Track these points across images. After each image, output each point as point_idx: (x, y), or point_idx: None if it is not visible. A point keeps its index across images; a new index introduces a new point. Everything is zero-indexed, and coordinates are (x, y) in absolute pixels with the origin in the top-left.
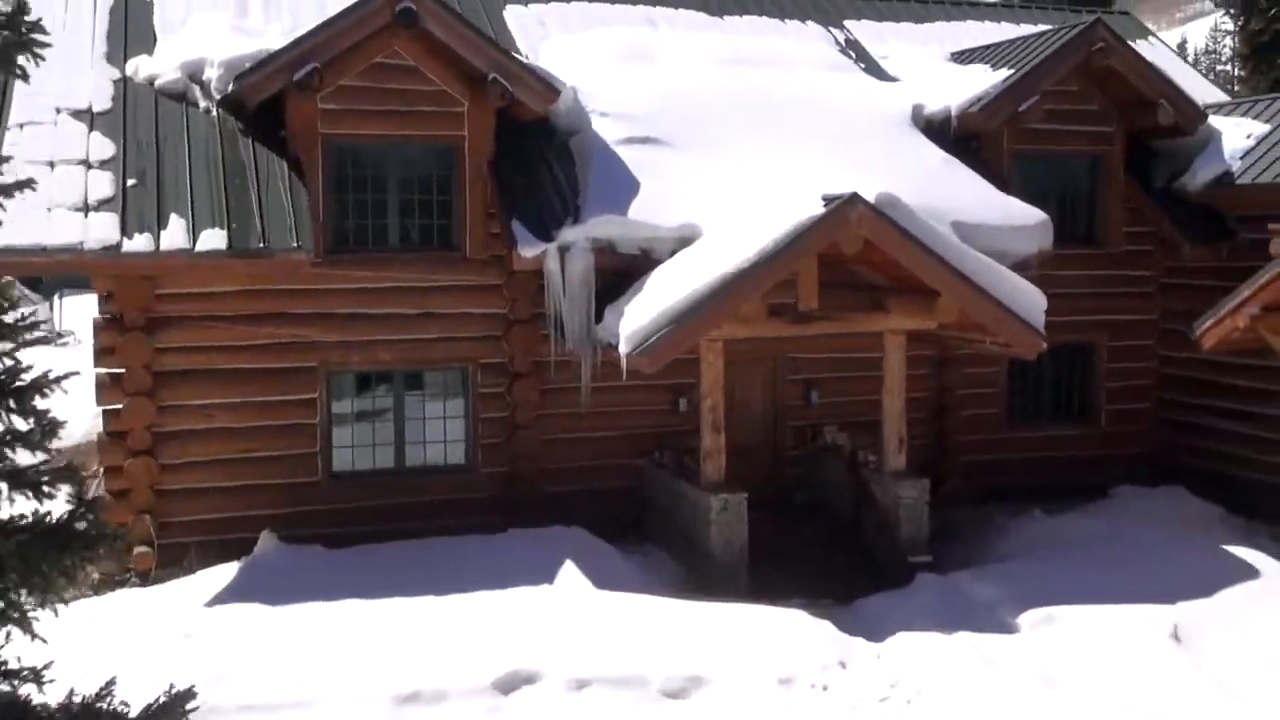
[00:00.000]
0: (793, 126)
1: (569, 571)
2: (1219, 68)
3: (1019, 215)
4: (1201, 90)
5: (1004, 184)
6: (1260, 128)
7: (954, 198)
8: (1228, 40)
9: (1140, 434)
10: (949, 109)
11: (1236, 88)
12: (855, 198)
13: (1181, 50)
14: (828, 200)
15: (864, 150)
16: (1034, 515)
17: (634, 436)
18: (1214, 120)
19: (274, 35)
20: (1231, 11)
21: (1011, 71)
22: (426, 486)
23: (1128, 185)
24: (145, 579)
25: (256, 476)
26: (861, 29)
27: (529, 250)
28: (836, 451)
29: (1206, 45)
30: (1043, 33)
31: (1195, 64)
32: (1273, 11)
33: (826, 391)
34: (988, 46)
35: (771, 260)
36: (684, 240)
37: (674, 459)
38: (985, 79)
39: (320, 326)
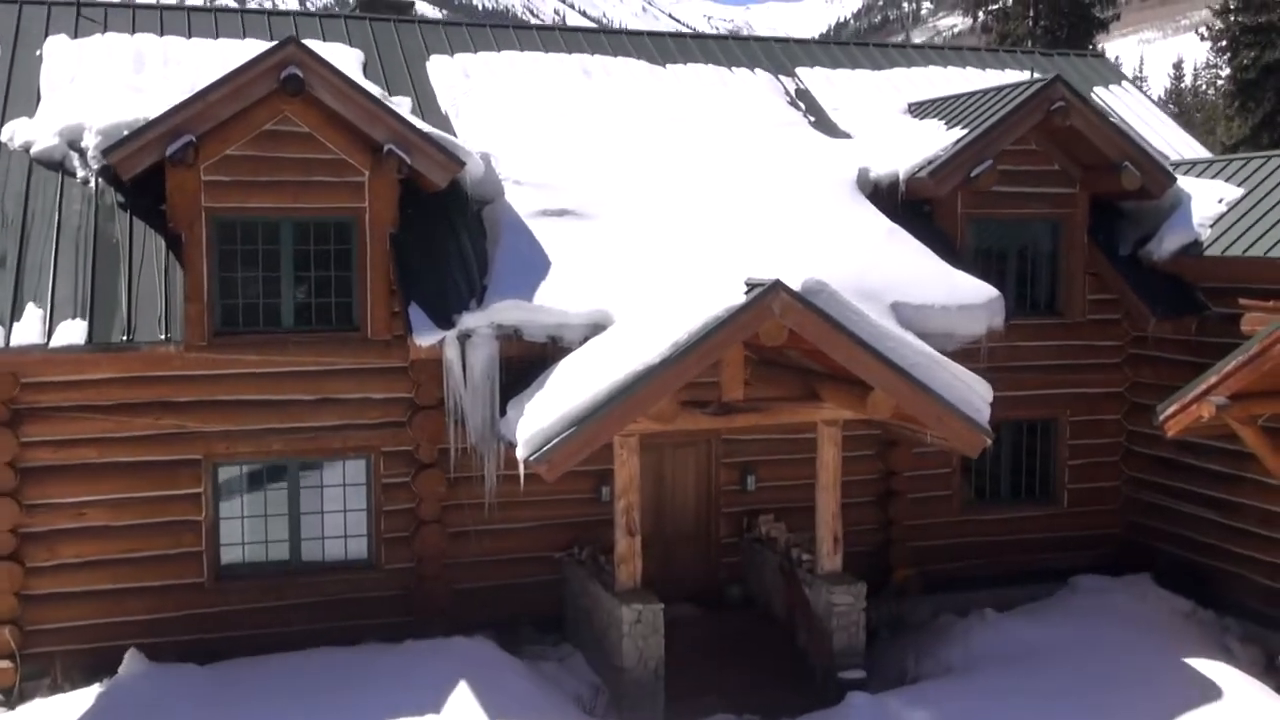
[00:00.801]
0: (727, 194)
1: (461, 698)
2: (1220, 82)
3: (967, 292)
4: (1176, 141)
5: (956, 251)
6: (1232, 191)
7: (896, 275)
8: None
9: (1105, 515)
10: (897, 173)
11: (1229, 121)
12: (778, 286)
13: (1178, 71)
14: (750, 286)
15: (803, 221)
16: (984, 616)
17: (552, 528)
18: (1184, 181)
19: (168, 94)
20: (1220, 46)
21: (965, 132)
22: (323, 585)
23: (1091, 250)
24: (8, 696)
25: (135, 579)
26: (814, 77)
27: (426, 338)
28: (770, 545)
29: (1207, 59)
30: (1001, 88)
31: (1195, 80)
32: (1254, 54)
33: (764, 475)
34: (946, 99)
35: (684, 357)
36: (596, 326)
37: (591, 556)
38: (938, 138)
39: (206, 415)
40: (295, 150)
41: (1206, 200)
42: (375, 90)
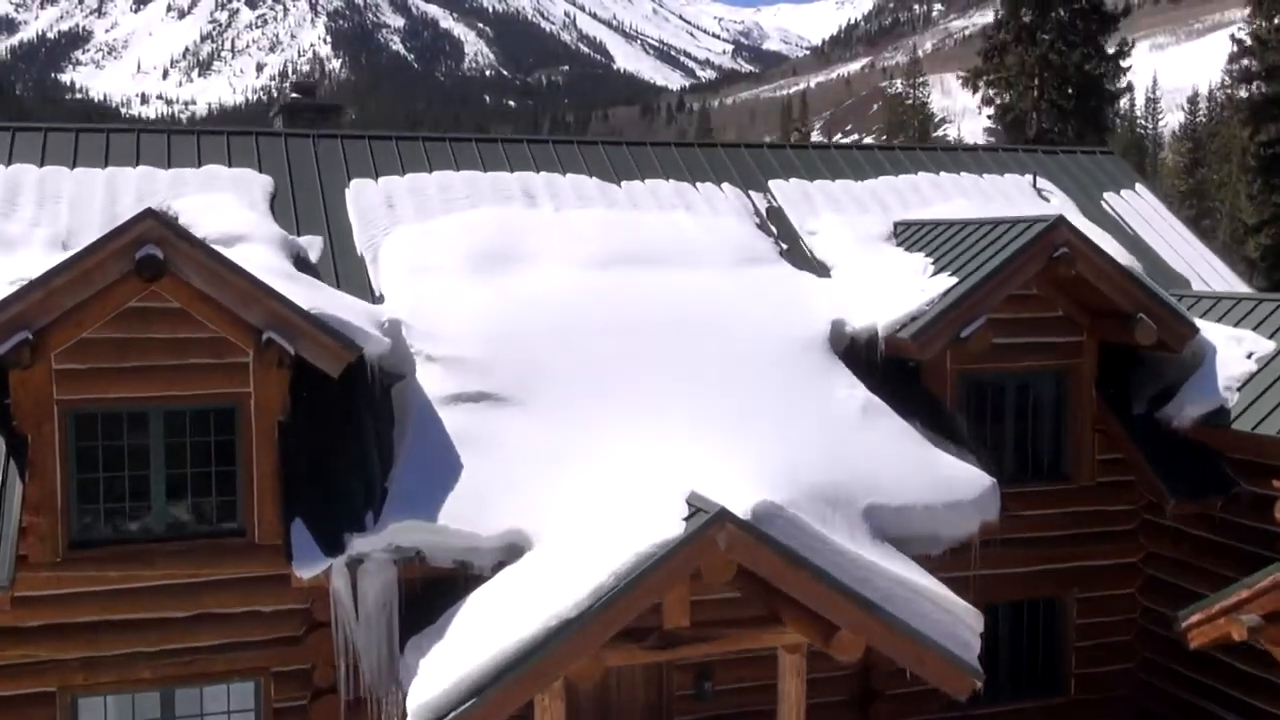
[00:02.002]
0: (677, 363)
1: None
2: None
3: (956, 484)
4: (1198, 262)
5: (946, 413)
6: (1264, 345)
7: (872, 466)
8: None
9: (1118, 703)
10: (875, 328)
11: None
12: (723, 516)
13: (1193, 105)
14: (692, 510)
15: (765, 396)
16: None
17: None
18: (1207, 328)
19: (37, 244)
20: (1239, 116)
21: (953, 282)
22: None
23: (1100, 406)
24: None
25: None
26: (789, 191)
27: (308, 568)
28: None
29: (1222, 80)
30: (997, 223)
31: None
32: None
33: (723, 678)
34: (935, 226)
35: (608, 607)
36: (512, 550)
37: None
38: (923, 286)
39: (60, 642)
40: (166, 329)
41: (1234, 356)
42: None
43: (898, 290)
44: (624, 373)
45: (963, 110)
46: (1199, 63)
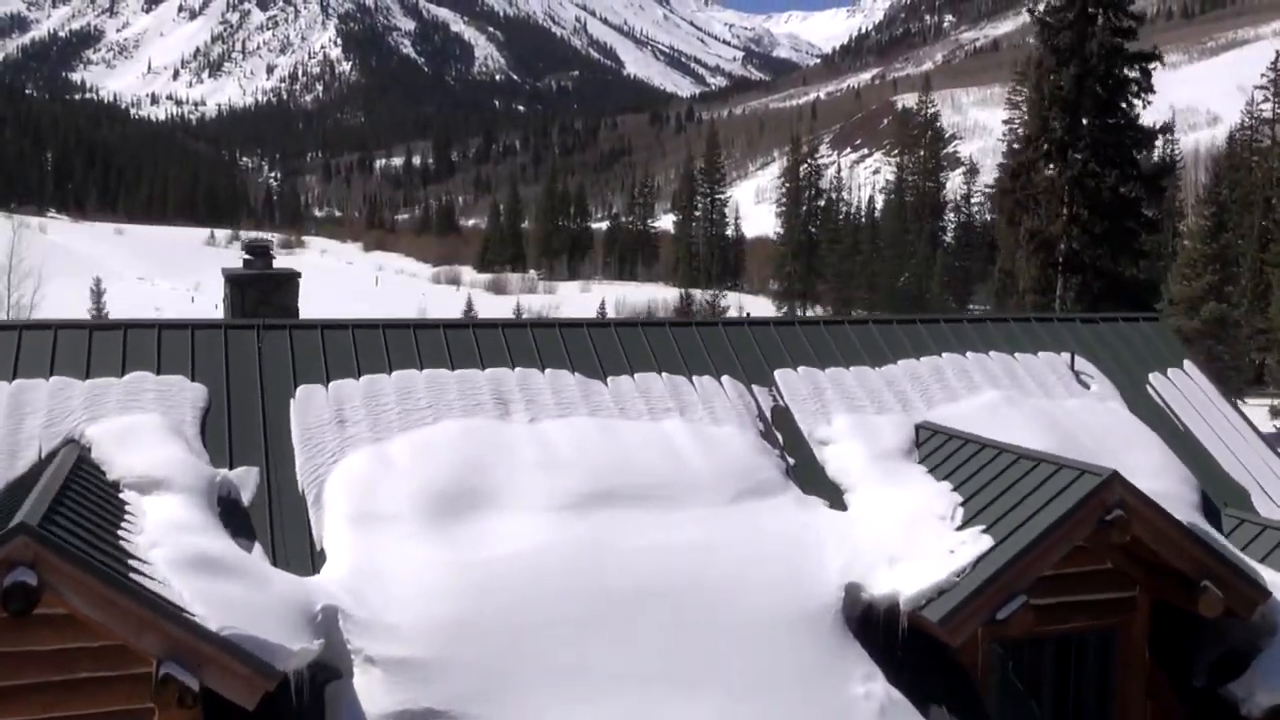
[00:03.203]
0: (662, 649)
1: None
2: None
3: None
4: (1252, 461)
5: (975, 686)
6: None
7: None
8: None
9: None
10: (896, 598)
11: None
12: None
13: (1215, 163)
14: None
15: (763, 693)
16: None
17: None
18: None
19: None
20: None
21: (987, 541)
22: None
23: (1153, 671)
24: None
25: None
26: (798, 384)
27: None
28: None
29: (1251, 96)
30: (1037, 461)
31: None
32: None
33: None
34: (964, 441)
35: None
36: None
37: None
38: (951, 549)
39: None
40: (52, 639)
41: None
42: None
43: (922, 543)
44: (599, 668)
45: (973, 127)
46: (1214, 82)
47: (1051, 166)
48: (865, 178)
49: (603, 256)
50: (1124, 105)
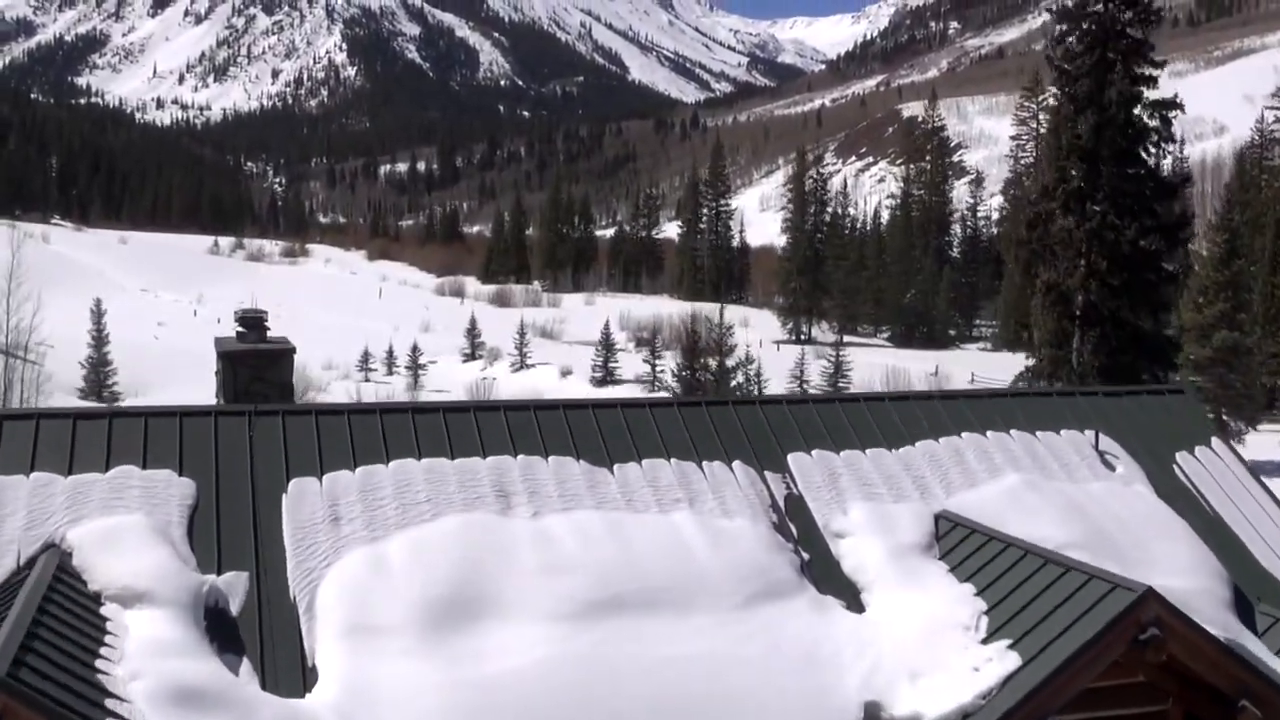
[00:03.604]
0: None
1: None
2: None
3: None
4: None
5: None
6: None
7: None
8: None
9: None
10: None
11: None
12: None
13: (1229, 191)
14: None
15: None
16: None
17: None
18: None
19: None
20: None
21: (1014, 660)
22: None
23: None
24: None
25: None
26: (812, 469)
27: None
28: None
29: (1261, 115)
30: (1069, 570)
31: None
32: None
33: None
34: (987, 538)
35: None
36: None
37: None
38: (976, 666)
39: None
40: None
41: None
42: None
43: (945, 656)
44: None
45: (979, 135)
46: (1220, 91)
47: (1069, 217)
48: (870, 186)
49: (607, 269)
50: (1144, 154)
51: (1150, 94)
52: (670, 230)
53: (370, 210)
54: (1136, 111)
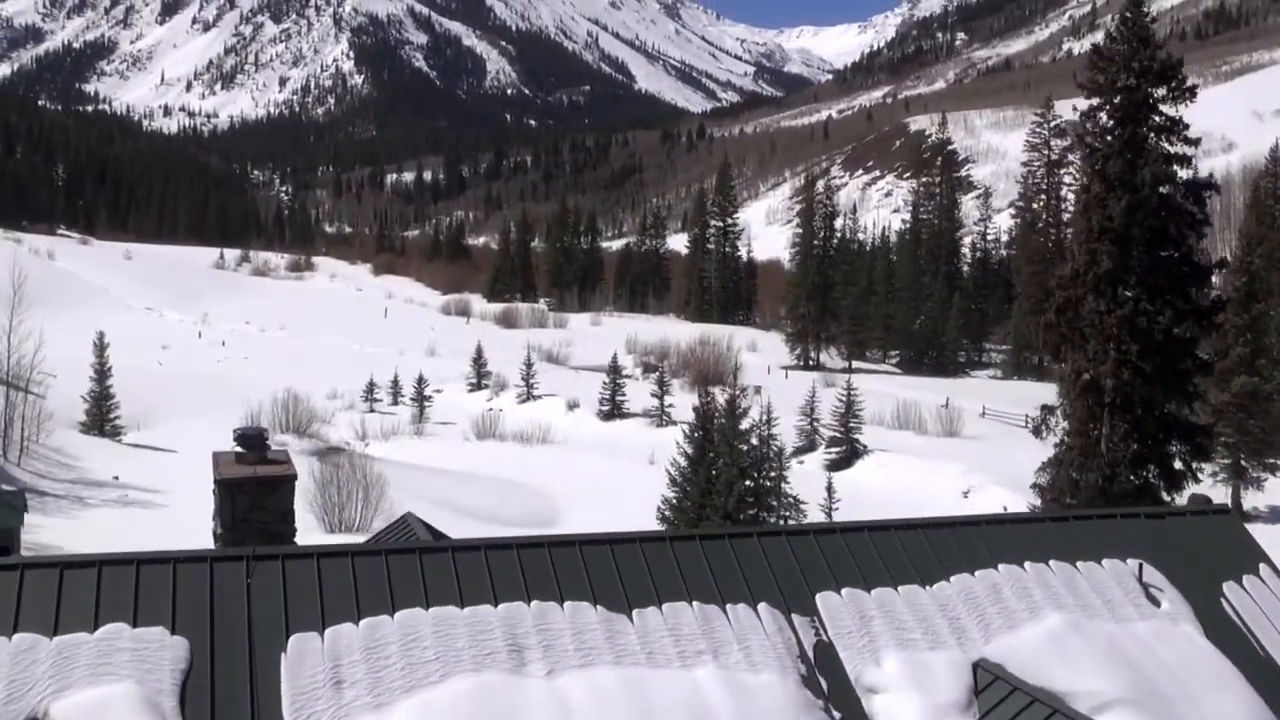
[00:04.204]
0: None
1: None
2: None
3: None
4: None
5: None
6: None
7: None
8: None
9: None
10: None
11: None
12: None
13: (1246, 249)
14: None
15: None
16: None
17: None
18: None
19: None
20: None
21: None
22: None
23: None
24: None
25: None
26: (842, 612)
27: None
28: None
29: (1275, 153)
30: None
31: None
32: None
33: None
34: (1030, 698)
35: None
36: None
37: None
38: None
39: None
40: None
41: None
42: None
43: None
44: None
45: (986, 150)
46: (1229, 107)
47: (1100, 301)
48: (878, 200)
49: (613, 288)
50: (1178, 237)
51: (1184, 173)
52: (676, 243)
53: (376, 221)
54: (1167, 190)
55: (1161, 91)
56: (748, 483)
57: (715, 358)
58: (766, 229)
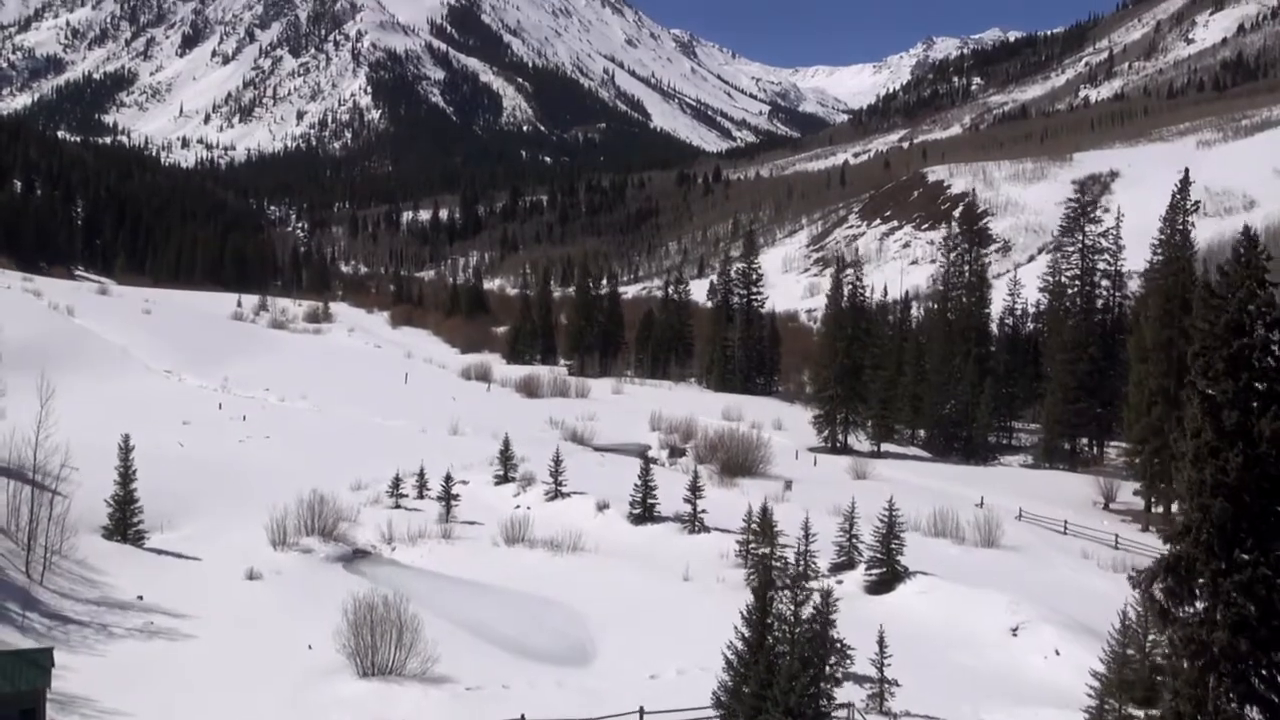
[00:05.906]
0: None
1: None
2: None
3: None
4: None
5: None
6: None
7: None
8: None
9: None
10: None
11: None
12: None
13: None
14: None
15: None
16: None
17: None
18: None
19: None
20: None
21: None
22: None
23: None
24: None
25: None
26: None
27: None
28: None
29: None
30: None
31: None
32: None
33: None
34: None
35: None
36: None
37: None
38: None
39: None
40: None
41: None
42: None
43: None
44: None
45: (1005, 203)
46: (1249, 163)
47: (1213, 562)
48: (895, 251)
49: (634, 352)
50: None
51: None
52: (696, 289)
53: (392, 261)
54: None
55: (1277, 335)
56: (810, 671)
57: (743, 447)
58: (783, 276)
